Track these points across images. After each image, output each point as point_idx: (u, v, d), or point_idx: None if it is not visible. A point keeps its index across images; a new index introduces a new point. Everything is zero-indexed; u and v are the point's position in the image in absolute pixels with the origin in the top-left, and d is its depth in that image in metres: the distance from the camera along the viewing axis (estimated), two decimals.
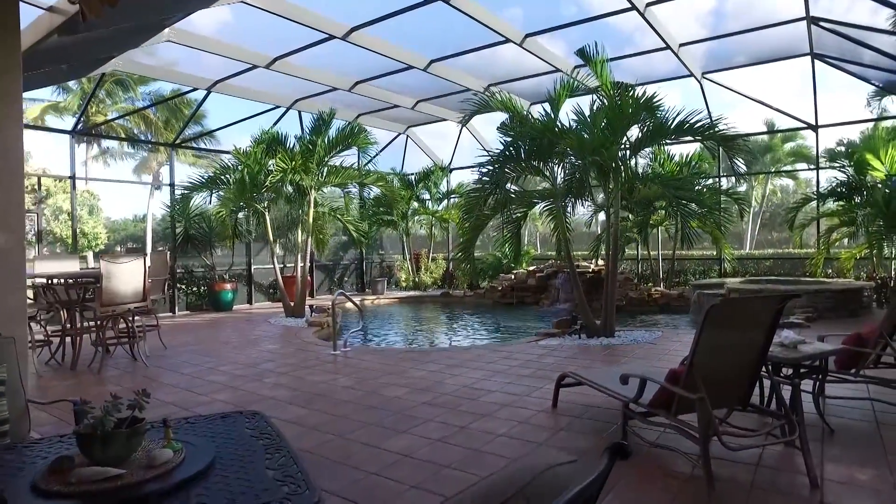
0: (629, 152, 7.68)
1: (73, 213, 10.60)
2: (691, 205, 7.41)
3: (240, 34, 9.33)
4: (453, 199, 15.93)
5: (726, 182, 12.94)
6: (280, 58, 9.63)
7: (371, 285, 15.25)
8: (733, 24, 9.64)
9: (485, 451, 3.52)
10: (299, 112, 12.87)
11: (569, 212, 8.51)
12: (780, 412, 3.06)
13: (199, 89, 11.07)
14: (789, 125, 15.09)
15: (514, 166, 7.58)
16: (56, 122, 24.11)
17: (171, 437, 1.86)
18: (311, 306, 10.40)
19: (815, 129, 11.57)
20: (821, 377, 3.83)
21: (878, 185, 10.04)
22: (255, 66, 9.82)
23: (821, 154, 12.20)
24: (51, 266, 7.38)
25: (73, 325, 6.54)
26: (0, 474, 1.83)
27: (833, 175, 11.44)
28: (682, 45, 9.92)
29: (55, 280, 6.46)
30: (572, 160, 7.66)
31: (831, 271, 11.44)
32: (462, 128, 12.55)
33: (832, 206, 11.33)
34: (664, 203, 10.43)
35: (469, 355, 6.64)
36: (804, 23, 8.92)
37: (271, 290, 13.37)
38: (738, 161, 7.75)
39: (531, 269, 13.25)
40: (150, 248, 25.75)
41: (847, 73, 10.71)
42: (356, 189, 13.74)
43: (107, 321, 6.41)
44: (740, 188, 14.29)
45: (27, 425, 2.76)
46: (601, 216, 8.99)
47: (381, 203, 14.89)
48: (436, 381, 5.36)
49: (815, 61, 10.48)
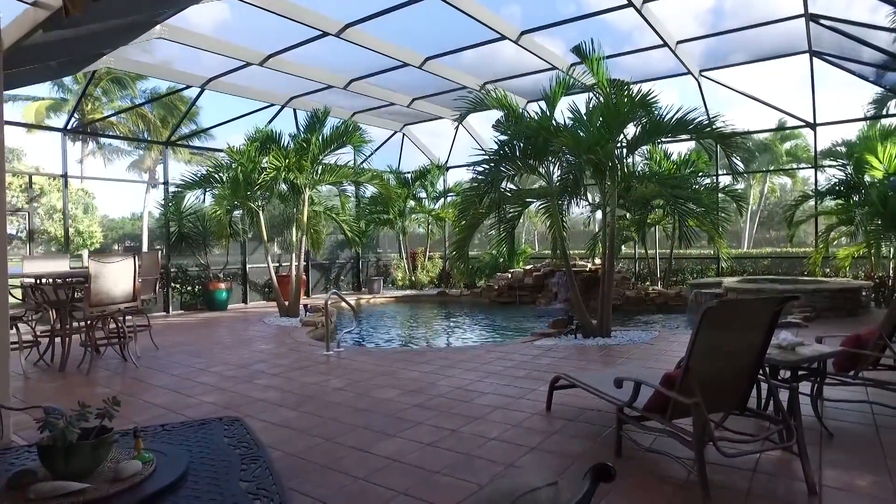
0: (625, 150, 7.59)
1: (65, 211, 10.48)
2: (689, 203, 7.33)
3: (235, 32, 9.23)
4: (450, 198, 15.84)
5: (724, 180, 12.86)
6: (273, 55, 9.53)
7: (367, 284, 15.16)
8: (732, 23, 9.57)
9: (476, 456, 3.44)
10: (294, 110, 12.76)
11: (565, 210, 8.44)
12: (777, 417, 2.99)
13: (192, 87, 10.96)
14: (788, 123, 15.05)
15: (509, 165, 7.49)
16: (55, 120, 23.99)
17: (141, 447, 1.78)
18: (306, 306, 10.31)
19: (813, 127, 11.50)
20: (819, 379, 3.76)
21: (877, 185, 9.97)
22: (249, 64, 9.72)
23: (818, 153, 12.14)
24: (40, 265, 7.29)
25: (62, 326, 6.45)
26: None
27: (832, 173, 11.37)
28: (679, 42, 9.84)
29: (43, 280, 6.37)
30: (569, 159, 7.59)
31: (829, 270, 11.38)
32: (458, 126, 12.42)
33: (830, 204, 11.27)
34: (662, 202, 10.38)
35: (463, 356, 6.56)
36: (802, 20, 8.85)
37: (266, 290, 13.28)
38: (735, 159, 7.69)
39: (528, 267, 13.17)
40: (146, 247, 25.67)
41: (846, 70, 10.63)
42: (352, 188, 13.67)
43: (96, 322, 6.32)
44: (738, 186, 14.19)
45: (2, 431, 2.68)
46: (598, 214, 8.93)
47: (377, 202, 14.80)
48: (429, 383, 5.28)
49: (814, 59, 10.40)
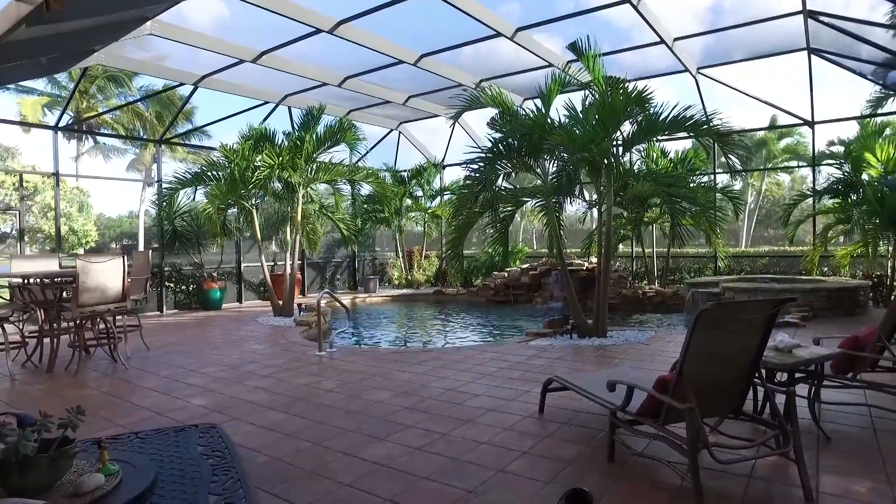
0: (621, 148, 7.51)
1: (57, 210, 10.36)
2: (684, 202, 7.25)
3: (229, 29, 9.14)
4: (447, 196, 15.75)
5: (721, 179, 12.80)
6: (266, 52, 9.43)
7: (363, 283, 15.07)
8: (731, 20, 9.48)
9: (465, 461, 3.36)
10: (289, 108, 12.66)
11: (561, 208, 8.36)
12: (773, 422, 2.91)
13: (185, 84, 10.86)
14: (786, 121, 14.97)
15: (503, 163, 7.40)
16: (50, 117, 23.82)
17: (106, 459, 1.69)
18: (300, 305, 10.23)
19: (811, 125, 11.44)
20: (816, 382, 3.69)
21: (875, 184, 9.91)
22: (242, 61, 9.61)
23: (816, 152, 12.09)
24: (28, 265, 7.19)
25: (50, 326, 6.36)
26: None
27: (830, 172, 11.31)
28: (676, 39, 9.75)
29: (31, 279, 6.28)
30: (564, 157, 7.51)
31: (827, 269, 11.32)
32: (454, 124, 12.34)
33: (828, 203, 11.21)
34: (658, 200, 10.30)
35: (457, 356, 6.48)
36: (801, 17, 8.77)
37: (262, 289, 13.19)
38: (733, 157, 7.61)
39: (525, 266, 13.10)
40: (142, 246, 25.54)
41: (844, 68, 10.56)
42: (348, 186, 13.56)
43: (84, 322, 6.23)
44: (735, 185, 14.10)
45: None
46: (595, 213, 8.84)
47: (373, 200, 14.71)
48: (421, 385, 5.20)
49: (812, 56, 10.32)
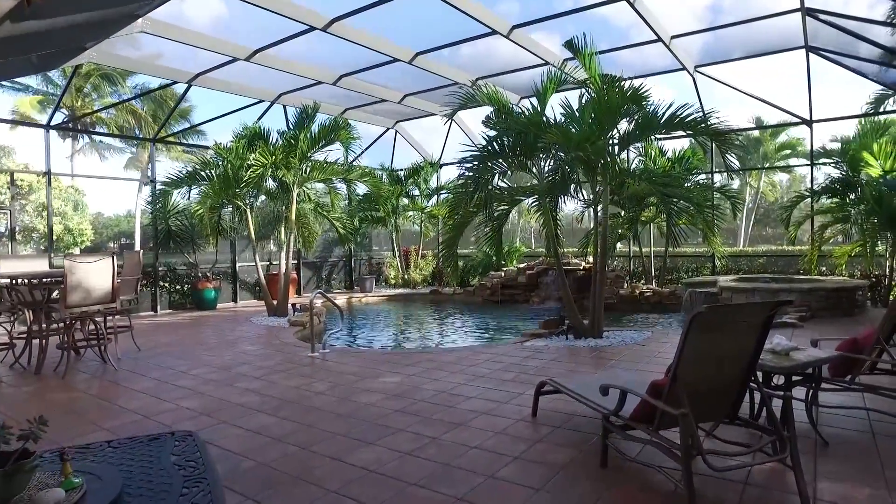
0: (617, 147, 7.44)
1: (49, 209, 10.26)
2: (680, 202, 7.18)
3: (223, 27, 9.08)
4: (443, 195, 15.67)
5: (719, 178, 12.74)
6: (260, 50, 9.33)
7: (359, 283, 14.99)
8: (730, 20, 9.41)
9: (455, 466, 3.29)
10: (284, 107, 12.56)
11: (561, 207, 8.28)
12: (770, 428, 2.84)
13: (179, 83, 10.76)
14: (784, 120, 14.91)
15: (498, 161, 7.32)
16: (43, 116, 23.72)
17: (69, 471, 1.61)
18: (294, 305, 10.14)
19: (809, 124, 11.37)
20: (814, 385, 3.62)
21: (873, 182, 9.85)
22: (236, 59, 9.51)
23: (814, 151, 12.04)
24: (17, 265, 7.11)
25: (39, 328, 6.27)
26: None
27: (828, 171, 11.26)
28: (674, 37, 9.67)
29: (19, 280, 6.19)
30: (561, 155, 7.43)
31: (825, 269, 11.26)
32: (450, 122, 12.25)
33: (827, 202, 11.14)
34: (655, 199, 10.23)
35: (451, 357, 6.40)
36: (799, 14, 8.69)
37: (257, 288, 13.11)
38: (730, 156, 7.54)
39: (522, 266, 13.03)
40: (139, 245, 25.39)
41: (842, 66, 10.49)
42: (344, 185, 13.47)
43: (73, 323, 6.14)
44: (733, 184, 14.02)
45: None
46: (593, 212, 8.76)
47: (369, 199, 14.62)
48: (413, 387, 5.13)
49: (810, 55, 10.25)
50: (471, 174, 7.15)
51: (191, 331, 8.92)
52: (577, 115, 7.16)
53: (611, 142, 7.23)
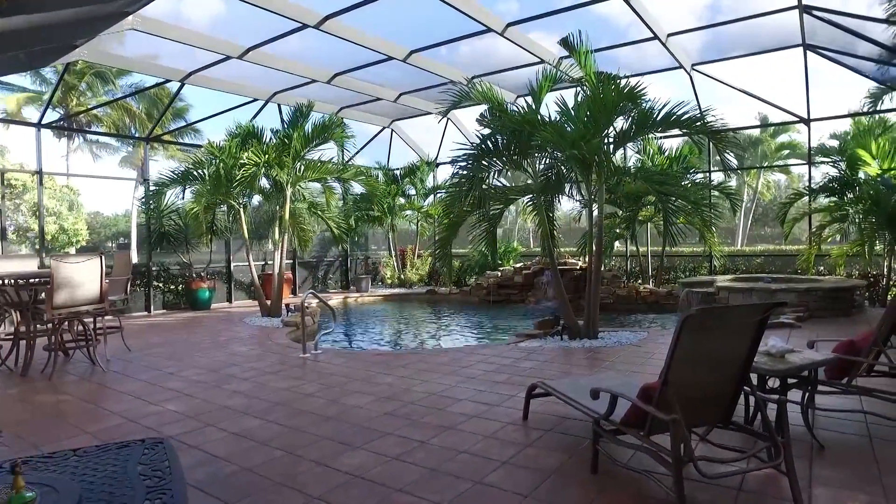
0: (613, 146, 7.35)
1: (41, 209, 10.17)
2: (677, 200, 7.10)
3: (219, 26, 8.98)
4: (440, 195, 15.58)
5: (717, 177, 12.68)
6: (253, 48, 9.24)
7: (355, 283, 14.90)
8: (727, 17, 9.33)
9: (442, 472, 3.21)
10: (279, 105, 12.48)
11: (557, 206, 8.19)
12: (764, 433, 2.76)
13: (171, 81, 10.66)
14: (781, 119, 14.83)
15: (492, 160, 7.24)
16: (35, 114, 23.60)
17: (21, 485, 1.53)
18: (288, 305, 10.05)
19: (807, 122, 11.30)
20: (810, 388, 3.54)
21: (871, 181, 9.78)
22: (229, 58, 9.43)
23: (812, 149, 11.96)
24: (6, 265, 7.01)
25: (26, 329, 6.18)
26: None
27: (825, 170, 11.17)
28: (670, 34, 9.59)
29: (5, 280, 6.10)
30: (556, 154, 7.35)
31: (823, 268, 11.19)
32: (446, 121, 12.18)
33: (825, 201, 11.07)
34: (653, 198, 10.15)
35: (444, 358, 6.32)
36: (796, 12, 8.62)
37: (252, 288, 13.01)
38: (728, 155, 7.46)
39: (518, 266, 12.95)
40: (135, 244, 25.30)
41: (840, 64, 10.41)
42: (339, 185, 13.38)
43: (60, 324, 6.05)
44: (731, 183, 13.93)
45: None
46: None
47: (365, 198, 14.53)
48: (403, 389, 5.04)
49: (808, 53, 10.18)
50: (464, 173, 7.07)
51: (183, 331, 8.83)
52: (573, 113, 7.07)
53: (606, 140, 7.14)
